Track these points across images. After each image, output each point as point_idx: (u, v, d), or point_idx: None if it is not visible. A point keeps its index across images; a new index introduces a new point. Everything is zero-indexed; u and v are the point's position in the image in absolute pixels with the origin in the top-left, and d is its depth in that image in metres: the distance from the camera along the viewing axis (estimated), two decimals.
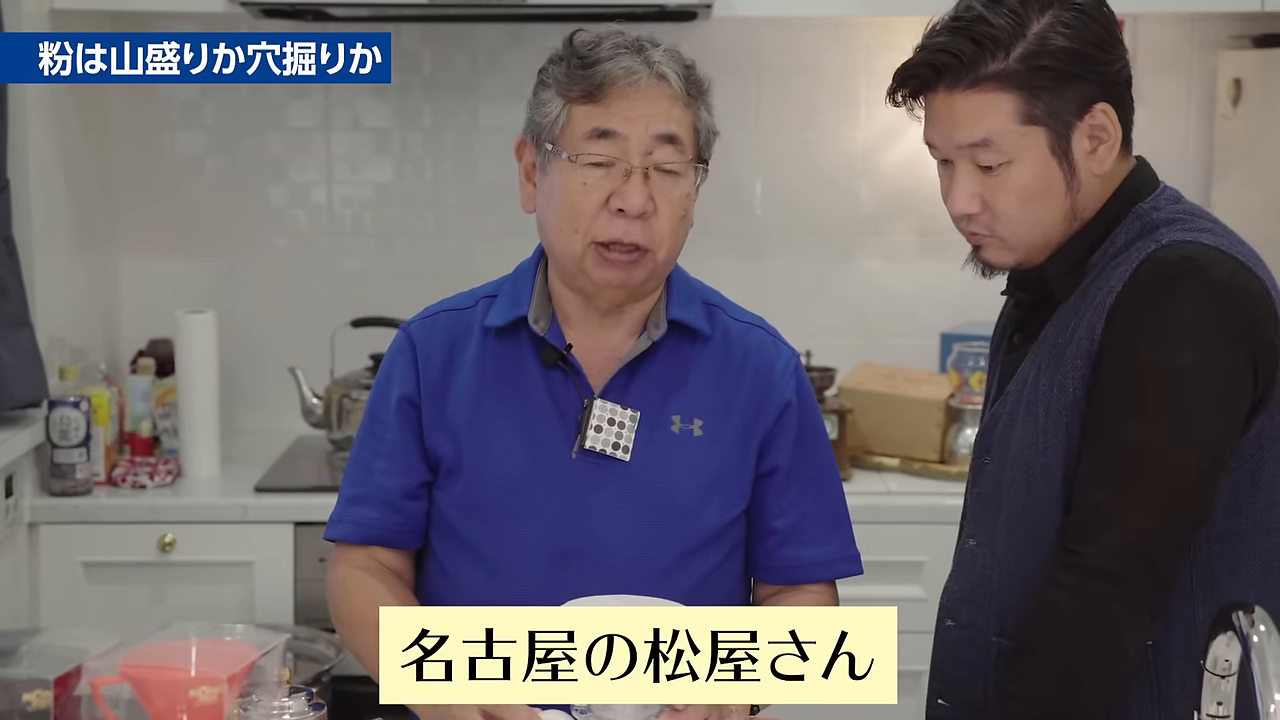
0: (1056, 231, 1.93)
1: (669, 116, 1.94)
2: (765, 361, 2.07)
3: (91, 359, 3.59)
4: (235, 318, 3.74)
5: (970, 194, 1.92)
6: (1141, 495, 1.83)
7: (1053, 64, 1.86)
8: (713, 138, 2.02)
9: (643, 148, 1.93)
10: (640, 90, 1.93)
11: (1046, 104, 1.87)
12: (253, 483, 3.41)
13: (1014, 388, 1.95)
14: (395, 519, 2.04)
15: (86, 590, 3.31)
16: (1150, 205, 1.94)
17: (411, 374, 2.04)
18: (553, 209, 1.98)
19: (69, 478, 3.32)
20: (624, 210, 1.93)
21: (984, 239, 1.95)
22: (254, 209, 3.86)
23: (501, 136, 3.82)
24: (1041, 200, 1.91)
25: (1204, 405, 1.84)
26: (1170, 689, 1.89)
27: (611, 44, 1.95)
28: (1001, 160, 1.89)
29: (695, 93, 1.98)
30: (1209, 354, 1.83)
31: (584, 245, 1.96)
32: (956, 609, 2.00)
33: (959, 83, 1.89)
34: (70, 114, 3.54)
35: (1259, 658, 1.44)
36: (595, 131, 1.93)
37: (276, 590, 3.31)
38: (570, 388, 2.01)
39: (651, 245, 1.95)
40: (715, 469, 2.01)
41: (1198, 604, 1.89)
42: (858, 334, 3.82)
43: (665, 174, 1.95)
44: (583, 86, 1.94)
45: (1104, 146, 1.91)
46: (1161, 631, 1.89)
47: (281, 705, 1.77)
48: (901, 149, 3.85)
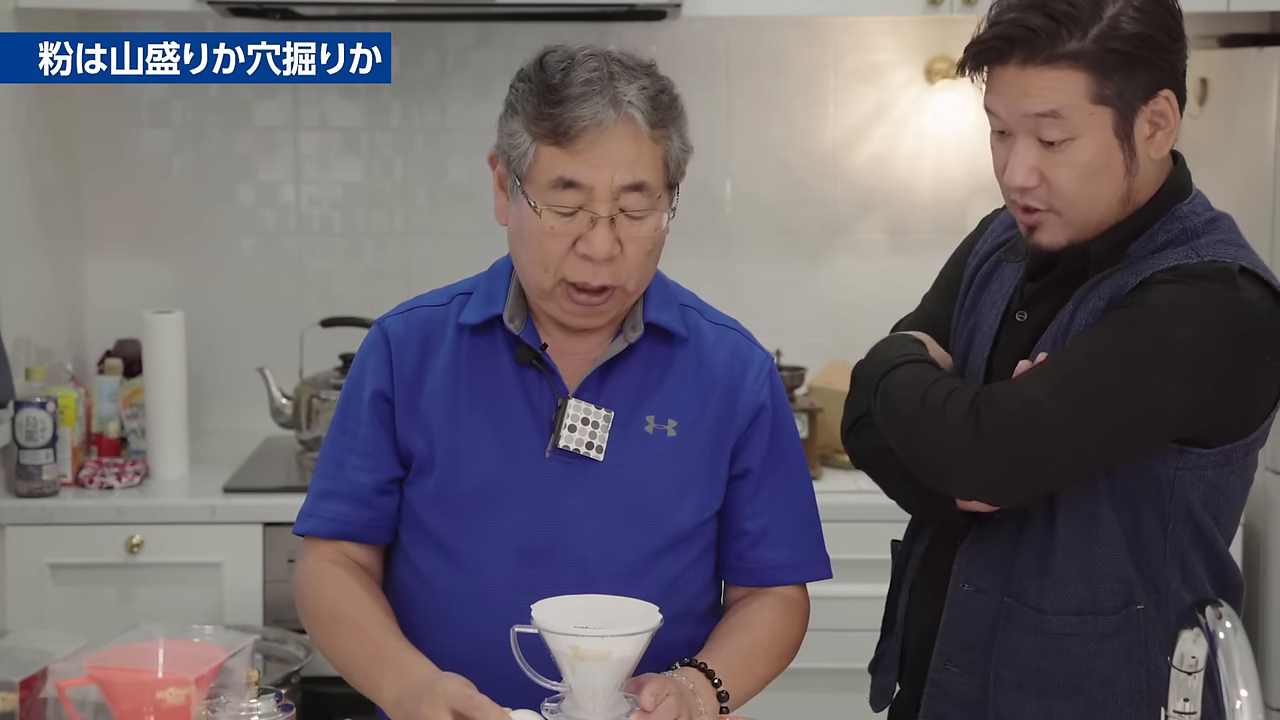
0: (1111, 213, 1.95)
1: (636, 162, 1.91)
2: (740, 364, 2.07)
3: (58, 359, 3.57)
4: (203, 318, 3.73)
5: (1029, 167, 1.93)
6: (1067, 399, 1.88)
7: (1125, 48, 1.89)
8: (685, 158, 1.98)
9: (609, 196, 1.91)
10: (607, 135, 1.90)
11: (1117, 86, 1.89)
12: (221, 483, 3.40)
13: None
14: (366, 514, 2.03)
15: (53, 592, 3.29)
16: (1189, 209, 1.98)
17: (386, 369, 2.04)
18: (522, 242, 1.97)
19: (35, 479, 3.30)
20: (589, 257, 1.93)
21: (1039, 216, 1.96)
22: (222, 208, 3.85)
23: (470, 136, 3.82)
24: (1099, 179, 1.93)
25: (1169, 377, 1.88)
26: (1153, 654, 1.94)
27: (583, 78, 1.90)
28: (1066, 136, 1.91)
29: (666, 122, 1.94)
30: (1206, 345, 1.88)
31: (553, 281, 1.95)
32: (978, 574, 2.01)
33: (1034, 57, 1.90)
34: (36, 111, 3.52)
35: (1225, 654, 1.45)
36: (561, 181, 1.91)
37: (245, 591, 3.30)
38: (545, 387, 2.01)
39: (619, 282, 1.95)
40: (688, 470, 2.01)
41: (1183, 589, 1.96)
42: (827, 333, 3.83)
43: (632, 218, 1.94)
44: (549, 127, 1.90)
45: (1162, 133, 1.94)
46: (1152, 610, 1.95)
47: (250, 706, 1.76)
48: (870, 148, 3.86)
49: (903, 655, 2.14)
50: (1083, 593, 1.96)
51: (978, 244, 2.17)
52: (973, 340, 2.08)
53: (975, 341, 2.07)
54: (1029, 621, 1.97)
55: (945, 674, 2.03)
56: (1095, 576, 1.95)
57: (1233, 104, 3.48)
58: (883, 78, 3.84)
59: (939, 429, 1.93)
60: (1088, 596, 1.96)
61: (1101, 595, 1.95)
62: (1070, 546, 1.95)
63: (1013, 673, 1.98)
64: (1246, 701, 1.42)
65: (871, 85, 3.84)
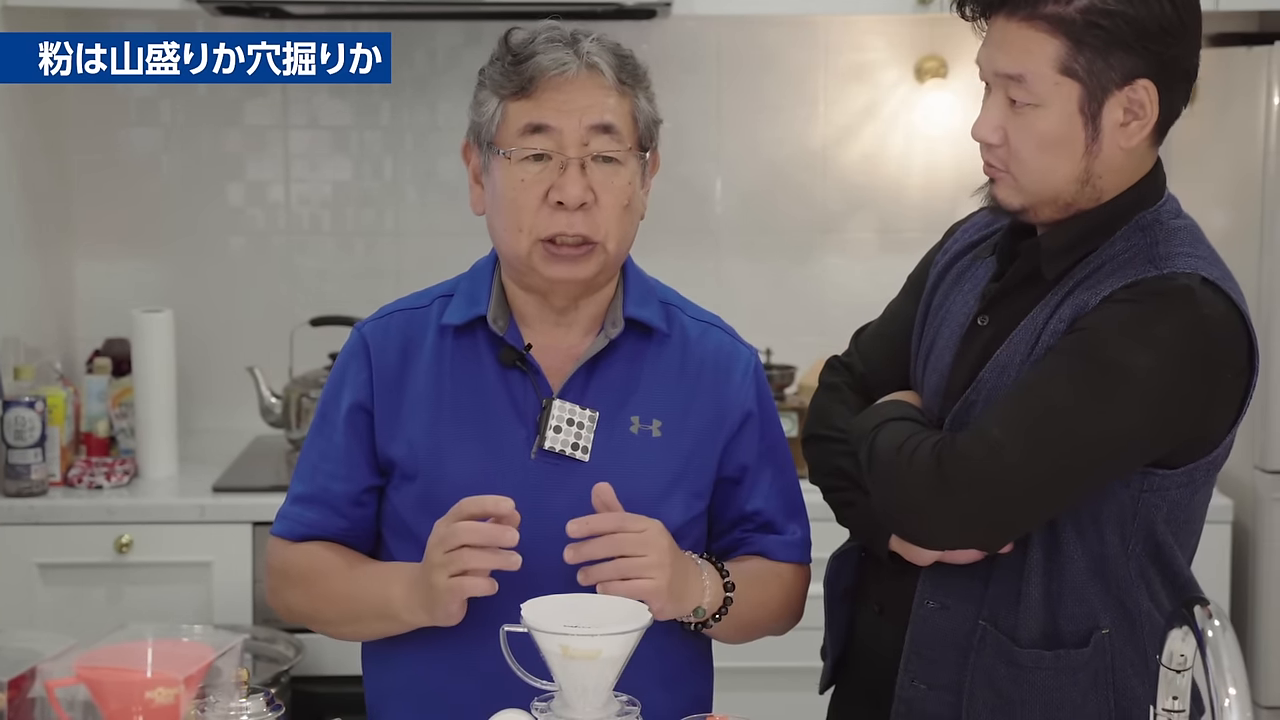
0: (1068, 190, 1.93)
1: (603, 107, 1.94)
2: (724, 362, 2.07)
3: (47, 359, 3.57)
4: (192, 317, 3.72)
5: (995, 124, 1.93)
6: (1029, 436, 1.86)
7: (1108, 24, 1.86)
8: (655, 126, 2.01)
9: (578, 139, 1.93)
10: (572, 82, 1.93)
11: (1088, 62, 1.88)
12: (210, 483, 3.40)
13: (989, 375, 1.96)
14: (340, 523, 2.04)
15: (42, 592, 3.29)
16: (1153, 217, 1.95)
17: (365, 376, 2.03)
18: (498, 209, 1.98)
19: (24, 478, 3.30)
20: (563, 203, 1.93)
21: (998, 173, 1.96)
22: (211, 207, 3.84)
23: (460, 135, 3.77)
24: (1057, 152, 1.91)
25: (1132, 405, 1.86)
26: (1122, 676, 1.93)
27: (545, 39, 1.95)
28: (1030, 101, 1.90)
29: (630, 81, 1.97)
30: (1169, 369, 1.86)
31: (530, 243, 1.95)
32: (940, 591, 1.99)
33: (1016, 11, 1.89)
34: (25, 111, 3.51)
35: (1213, 652, 1.45)
36: (529, 127, 1.94)
37: (235, 590, 3.29)
38: (529, 388, 2.01)
39: (597, 236, 1.95)
40: (674, 470, 2.01)
41: (1148, 598, 1.94)
42: (817, 332, 3.83)
43: (604, 163, 1.95)
44: (516, 82, 1.94)
45: (1137, 123, 1.91)
46: (1117, 622, 1.93)
47: (239, 706, 1.76)
48: (861, 146, 3.87)
49: (843, 658, 2.13)
50: (1052, 620, 1.93)
51: (947, 242, 2.15)
52: (935, 343, 2.06)
53: (939, 343, 2.05)
54: (1004, 649, 1.94)
55: (913, 691, 2.00)
56: (1063, 600, 1.93)
57: (1222, 102, 3.48)
58: (873, 76, 3.84)
59: (906, 478, 1.91)
60: (1056, 625, 1.93)
61: (1069, 621, 1.93)
62: (1040, 570, 1.93)
63: (988, 693, 1.95)
64: (1235, 700, 1.43)
65: (862, 84, 3.85)
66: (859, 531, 2.08)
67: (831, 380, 2.16)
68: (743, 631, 2.04)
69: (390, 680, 2.04)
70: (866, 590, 2.10)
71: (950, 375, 2.01)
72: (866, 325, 2.22)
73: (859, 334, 2.22)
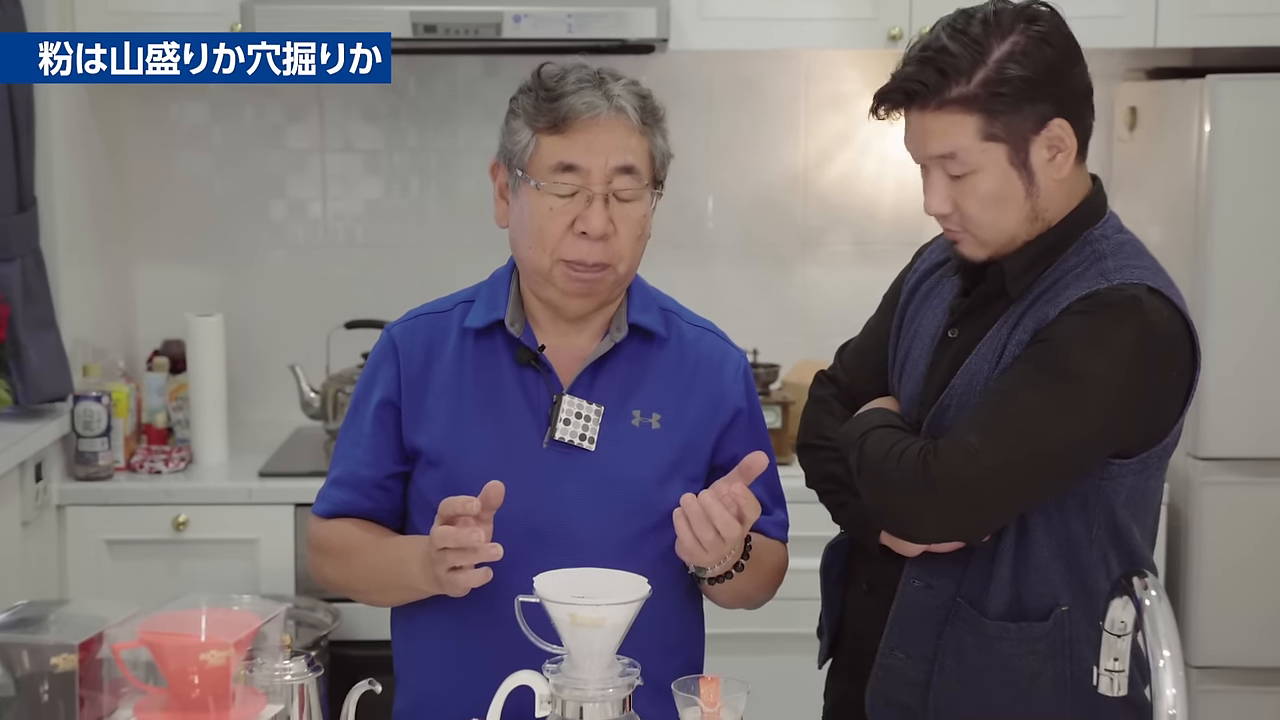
0: (1021, 231, 1.94)
1: (626, 148, 1.95)
2: (717, 362, 2.08)
3: (111, 358, 3.58)
4: (241, 320, 3.73)
5: (943, 197, 1.94)
6: (1003, 441, 1.87)
7: (1008, 90, 1.88)
8: (667, 160, 2.02)
9: (603, 177, 1.94)
10: (601, 124, 1.93)
11: (1005, 123, 1.88)
12: (257, 468, 3.40)
13: (960, 382, 1.97)
14: (367, 504, 2.05)
15: (109, 565, 3.30)
16: (1100, 233, 1.96)
17: (394, 373, 2.04)
18: (523, 228, 1.98)
19: (92, 464, 3.31)
20: (587, 233, 1.94)
21: (958, 235, 1.97)
22: (257, 222, 3.85)
23: (479, 157, 3.82)
24: (1003, 205, 1.92)
25: (1092, 407, 1.87)
26: (1079, 647, 1.93)
27: (575, 78, 1.95)
28: (966, 170, 1.91)
29: (651, 121, 1.98)
30: (1119, 376, 1.87)
31: (552, 262, 1.96)
32: (925, 572, 1.99)
33: (927, 105, 1.91)
34: (91, 136, 3.52)
35: (1150, 619, 1.46)
36: (560, 165, 1.94)
37: (278, 565, 3.30)
38: (541, 385, 2.01)
39: (612, 261, 1.96)
40: (672, 458, 2.02)
41: (1100, 573, 1.95)
42: (798, 334, 3.84)
43: (624, 200, 1.96)
44: (549, 119, 1.94)
45: (1061, 155, 1.92)
46: (1074, 597, 1.93)
47: (283, 667, 1.77)
48: (837, 168, 3.87)
49: (839, 634, 2.14)
50: (1017, 598, 1.94)
51: (916, 263, 2.16)
52: (910, 354, 2.07)
53: (913, 354, 2.06)
54: (973, 622, 1.95)
55: (892, 659, 2.01)
56: (1028, 579, 1.94)
57: (1160, 130, 3.49)
58: (849, 105, 3.84)
59: (894, 483, 1.91)
60: (1021, 601, 1.94)
61: (1033, 598, 1.94)
62: (1010, 552, 1.94)
63: (955, 664, 1.96)
64: (1169, 660, 1.44)
65: (839, 112, 3.85)
66: (851, 529, 2.09)
67: (819, 393, 2.16)
68: (738, 596, 2.04)
69: (415, 646, 2.05)
70: (856, 572, 2.11)
71: (925, 383, 2.02)
72: (849, 341, 2.22)
73: (842, 350, 2.22)
